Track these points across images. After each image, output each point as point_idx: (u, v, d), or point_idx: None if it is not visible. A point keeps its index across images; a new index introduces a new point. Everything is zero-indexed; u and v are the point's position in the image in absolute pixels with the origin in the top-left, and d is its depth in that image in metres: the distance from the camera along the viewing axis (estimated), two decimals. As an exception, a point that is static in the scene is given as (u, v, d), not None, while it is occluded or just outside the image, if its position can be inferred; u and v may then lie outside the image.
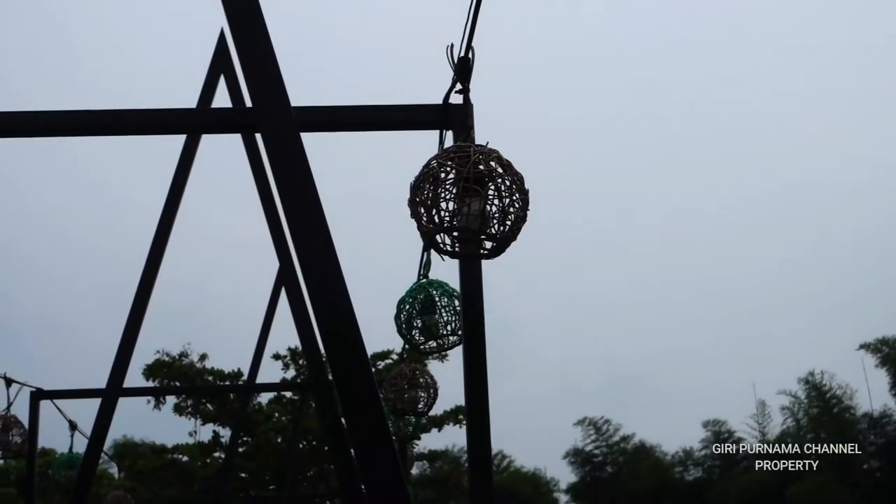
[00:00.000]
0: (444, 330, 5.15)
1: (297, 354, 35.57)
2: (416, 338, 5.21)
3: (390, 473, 3.69)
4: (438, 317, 5.14)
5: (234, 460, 23.53)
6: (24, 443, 8.09)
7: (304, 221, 4.08)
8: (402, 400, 6.46)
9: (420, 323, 5.16)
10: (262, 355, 13.03)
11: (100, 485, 27.08)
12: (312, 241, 4.03)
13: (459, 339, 5.13)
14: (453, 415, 36.38)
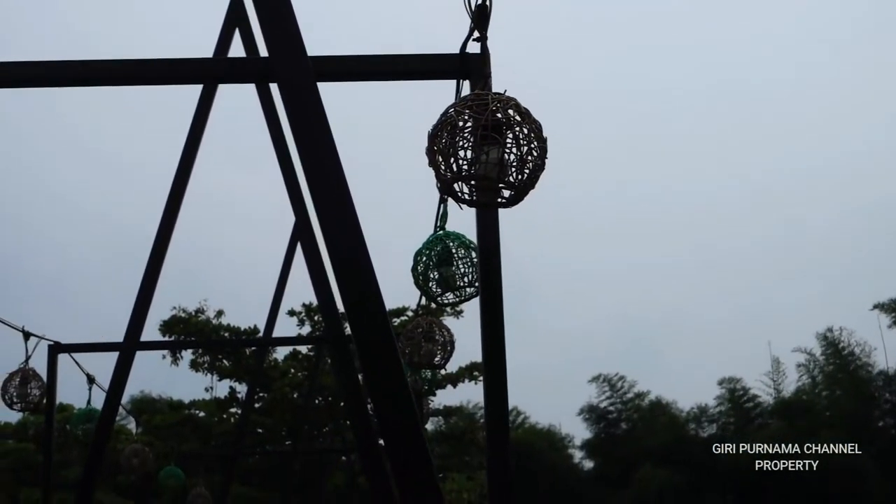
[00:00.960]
0: (460, 282, 5.13)
1: (313, 310, 35.65)
2: (432, 290, 5.19)
3: (409, 427, 3.69)
4: (455, 269, 5.11)
5: (251, 416, 23.66)
6: (42, 396, 8.13)
7: (321, 172, 4.05)
8: (419, 353, 6.45)
9: (437, 275, 5.14)
10: (278, 311, 13.06)
11: (117, 440, 27.25)
12: (330, 191, 4.01)
13: (476, 291, 5.11)
14: (468, 371, 36.46)
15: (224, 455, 18.10)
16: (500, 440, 4.57)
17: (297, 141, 4.12)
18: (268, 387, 35.92)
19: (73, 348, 8.82)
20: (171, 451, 15.08)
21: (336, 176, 4.03)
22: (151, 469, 12.20)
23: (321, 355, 20.28)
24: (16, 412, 8.37)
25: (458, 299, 5.20)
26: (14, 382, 8.06)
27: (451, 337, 6.64)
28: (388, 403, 3.74)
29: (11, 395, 8.05)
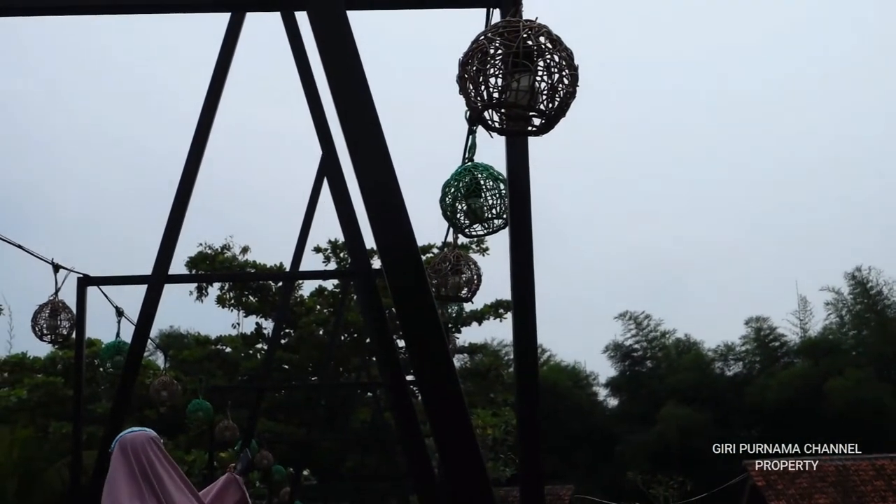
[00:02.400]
0: (488, 213, 5.11)
1: (338, 247, 35.74)
2: (460, 221, 5.17)
3: (440, 360, 3.68)
4: (483, 200, 5.09)
5: (277, 352, 23.82)
6: (72, 328, 8.19)
7: (352, 104, 4.01)
8: (446, 286, 6.44)
9: (465, 206, 5.12)
10: (305, 246, 13.07)
11: (145, 374, 27.51)
12: (361, 123, 3.97)
13: (504, 223, 5.10)
14: (493, 309, 36.55)
15: (251, 389, 18.25)
16: (529, 376, 4.57)
17: (328, 73, 4.07)
18: (294, 323, 36.13)
19: (102, 281, 8.85)
20: (200, 383, 15.20)
21: (367, 108, 3.99)
22: (179, 402, 12.32)
23: (347, 291, 20.34)
24: (46, 344, 8.44)
25: (487, 231, 5.18)
26: (44, 314, 8.11)
27: (478, 270, 6.62)
28: (420, 337, 3.73)
29: (41, 327, 8.11)
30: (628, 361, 47.67)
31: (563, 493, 35.86)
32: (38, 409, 35.69)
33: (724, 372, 46.25)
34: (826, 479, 32.97)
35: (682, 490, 33.20)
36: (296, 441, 26.49)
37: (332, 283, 37.26)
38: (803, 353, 43.87)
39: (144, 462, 4.90)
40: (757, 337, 45.82)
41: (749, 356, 46.18)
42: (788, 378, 41.03)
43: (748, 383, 43.15)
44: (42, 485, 34.38)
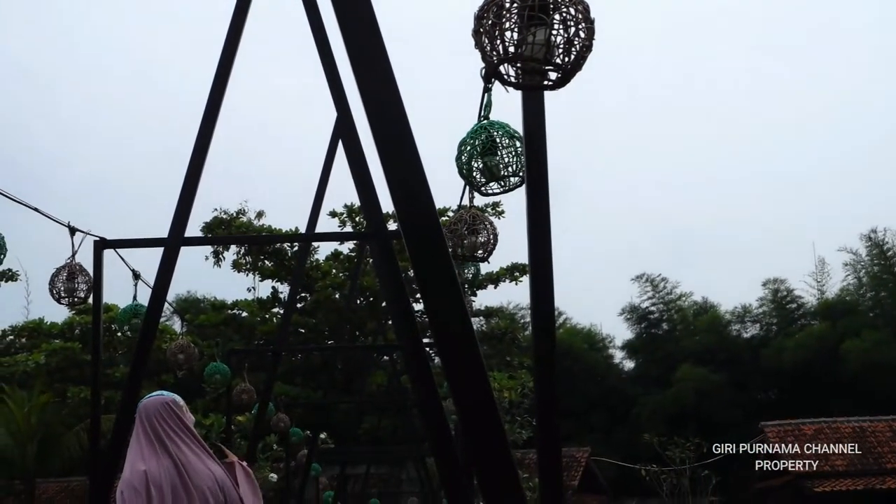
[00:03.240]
0: (505, 171, 5.08)
1: (354, 211, 35.77)
2: (476, 179, 5.14)
3: (459, 321, 3.66)
4: (499, 158, 5.06)
5: (294, 316, 23.86)
6: (89, 290, 8.20)
7: (366, 60, 3.97)
8: (462, 246, 6.42)
9: (481, 164, 5.09)
10: (320, 209, 13.04)
11: (161, 339, 27.61)
12: (376, 81, 3.93)
13: (520, 181, 5.07)
14: (509, 272, 36.59)
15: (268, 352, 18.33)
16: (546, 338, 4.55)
17: (343, 29, 4.02)
18: (310, 287, 36.22)
19: (119, 244, 8.84)
20: (216, 346, 15.25)
21: (382, 65, 3.95)
22: (196, 365, 12.36)
23: (363, 255, 20.35)
24: (63, 307, 8.46)
25: (503, 189, 5.15)
26: (61, 277, 8.13)
27: (495, 230, 6.60)
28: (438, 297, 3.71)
29: (59, 290, 8.13)
30: (644, 324, 47.69)
31: (580, 456, 36.00)
32: (56, 375, 35.94)
33: (741, 334, 46.25)
34: (843, 441, 32.97)
35: (698, 452, 33.24)
36: (312, 404, 26.61)
37: (348, 247, 37.34)
38: (820, 315, 43.80)
39: (158, 425, 4.93)
40: (774, 299, 45.75)
41: (766, 318, 46.14)
42: (805, 340, 41.01)
43: (765, 345, 43.14)
44: (61, 449, 34.69)
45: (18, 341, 39.47)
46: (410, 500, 30.06)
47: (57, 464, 35.52)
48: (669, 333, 46.47)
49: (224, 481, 4.94)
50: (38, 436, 34.06)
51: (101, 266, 8.63)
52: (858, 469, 31.37)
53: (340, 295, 35.26)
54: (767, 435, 33.46)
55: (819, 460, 31.75)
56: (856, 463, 31.61)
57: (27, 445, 33.80)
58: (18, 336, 39.29)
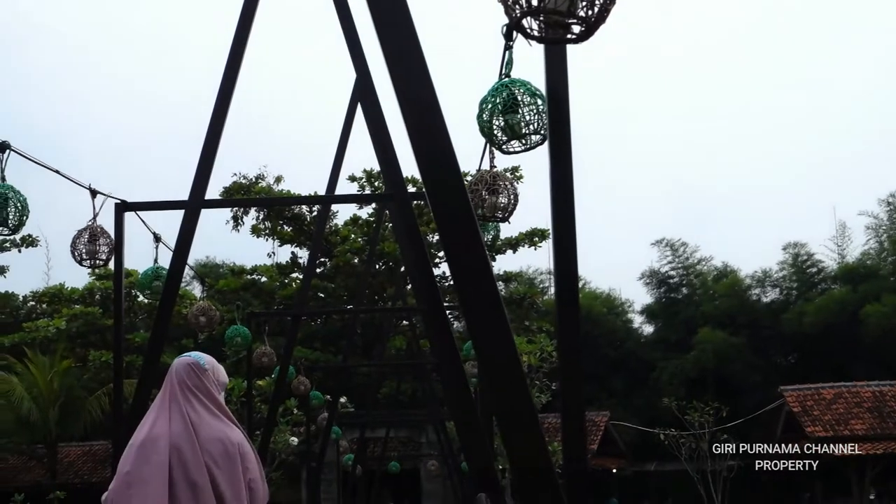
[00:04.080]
0: (526, 129, 5.05)
1: (373, 176, 35.76)
2: (498, 137, 5.11)
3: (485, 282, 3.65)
4: (521, 116, 5.03)
5: (313, 281, 23.91)
6: (110, 252, 8.23)
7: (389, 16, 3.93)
8: (483, 206, 6.39)
9: (502, 122, 5.06)
10: (340, 171, 13.01)
11: (181, 304, 27.73)
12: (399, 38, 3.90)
13: (542, 139, 5.03)
14: (528, 237, 36.56)
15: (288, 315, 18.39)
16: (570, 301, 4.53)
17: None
18: (329, 252, 36.29)
19: (139, 206, 8.86)
20: (237, 309, 15.28)
21: (405, 21, 3.92)
22: (217, 328, 12.39)
23: (382, 219, 20.36)
24: (85, 269, 8.49)
25: (525, 147, 5.12)
26: (83, 239, 8.15)
27: (515, 190, 6.56)
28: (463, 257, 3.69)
29: (81, 252, 8.15)
30: (664, 288, 47.62)
31: (599, 420, 36.10)
32: (77, 340, 36.19)
33: (761, 298, 46.11)
34: (862, 405, 32.96)
35: (717, 416, 33.26)
36: (332, 368, 26.71)
37: (367, 212, 37.36)
38: (840, 279, 43.64)
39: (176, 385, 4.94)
40: (794, 263, 45.58)
41: (786, 282, 45.96)
42: (825, 304, 40.87)
43: (785, 309, 43.02)
44: (82, 413, 34.98)
45: (39, 307, 39.74)
46: (430, 462, 30.21)
47: (79, 428, 35.84)
48: (689, 298, 46.37)
49: (241, 444, 4.93)
50: (60, 400, 34.36)
51: (122, 229, 8.65)
52: (877, 433, 31.36)
53: (359, 260, 35.32)
54: (787, 399, 33.47)
55: (838, 424, 31.76)
56: (875, 427, 31.60)
57: (49, 410, 34.10)
58: (39, 301, 39.55)
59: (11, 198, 6.79)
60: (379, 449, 31.67)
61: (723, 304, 43.64)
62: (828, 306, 40.44)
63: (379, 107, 9.78)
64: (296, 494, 29.00)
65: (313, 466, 19.12)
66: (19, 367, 35.23)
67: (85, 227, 8.21)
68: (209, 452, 4.77)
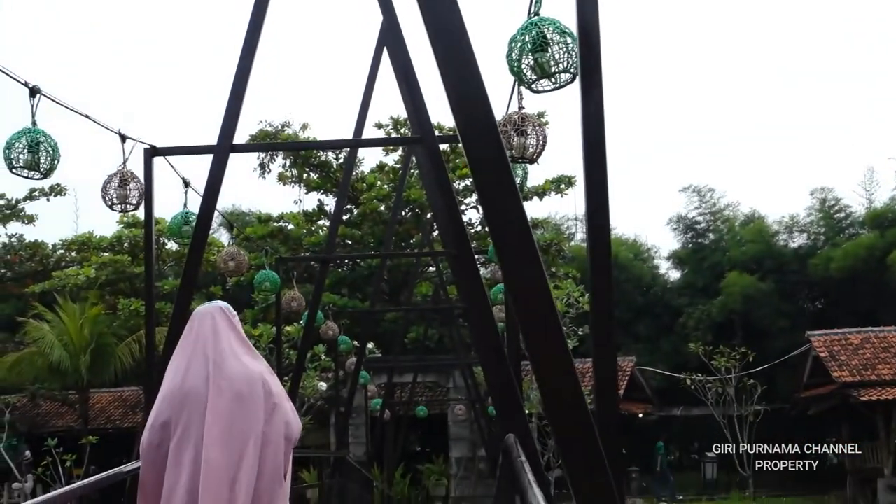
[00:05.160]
0: (555, 68, 5.03)
1: (399, 123, 35.70)
2: (527, 76, 5.10)
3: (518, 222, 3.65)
4: (550, 55, 5.01)
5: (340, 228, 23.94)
6: (141, 196, 8.28)
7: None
8: (511, 146, 6.39)
9: (531, 61, 5.04)
10: (366, 116, 13.00)
11: (209, 252, 27.86)
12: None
13: (572, 77, 5.02)
14: (554, 184, 36.48)
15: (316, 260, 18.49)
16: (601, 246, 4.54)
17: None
18: (356, 200, 36.35)
19: (168, 151, 8.91)
20: (266, 254, 15.34)
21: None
22: (246, 273, 12.46)
23: (409, 164, 20.36)
24: (116, 213, 8.54)
25: (554, 86, 5.10)
26: (113, 184, 8.19)
27: (543, 131, 6.55)
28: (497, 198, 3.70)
29: (111, 197, 8.20)
30: (691, 234, 47.47)
31: (625, 365, 36.17)
32: (106, 287, 36.46)
33: (788, 244, 45.90)
34: (889, 350, 32.91)
35: (744, 361, 33.27)
36: (359, 314, 26.84)
37: (393, 158, 37.33)
38: (868, 225, 43.36)
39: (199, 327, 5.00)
40: (821, 208, 45.31)
41: (813, 227, 45.71)
42: (853, 249, 40.64)
43: (812, 255, 42.81)
44: (113, 360, 35.36)
45: (69, 255, 40.02)
46: (457, 407, 30.42)
47: (109, 374, 36.23)
48: (716, 243, 46.21)
49: (265, 380, 4.98)
50: (91, 347, 34.72)
51: (152, 173, 8.70)
52: (905, 378, 31.34)
53: (386, 207, 35.37)
54: (814, 344, 33.44)
55: (865, 369, 31.72)
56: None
57: (80, 357, 34.47)
58: (68, 250, 39.83)
59: (43, 142, 6.83)
60: (406, 394, 31.90)
61: (750, 249, 43.45)
62: (855, 252, 40.22)
63: (406, 49, 9.76)
64: (324, 438, 29.30)
65: (341, 411, 19.26)
66: (50, 316, 35.58)
67: (115, 171, 8.26)
68: (231, 389, 4.82)
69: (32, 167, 6.81)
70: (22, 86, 6.89)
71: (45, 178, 6.95)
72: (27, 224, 38.15)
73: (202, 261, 9.04)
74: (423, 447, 42.52)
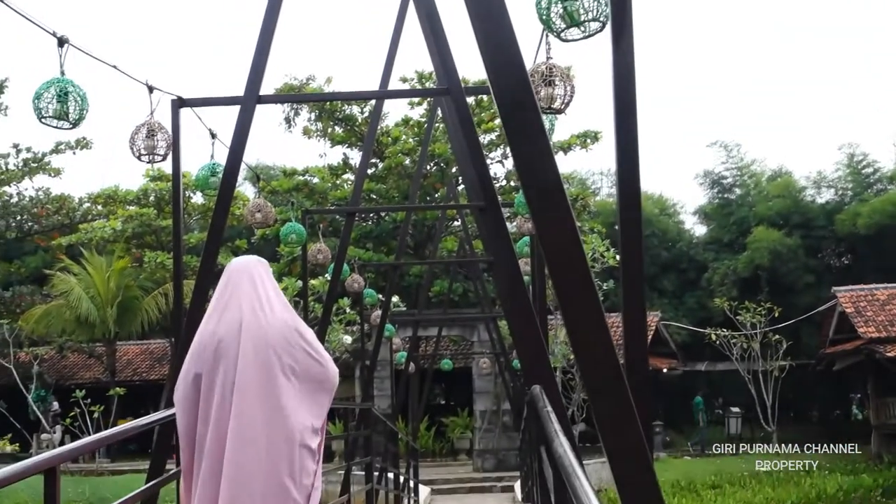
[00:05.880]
0: (585, 16, 5.00)
1: (424, 77, 35.58)
2: (556, 25, 5.06)
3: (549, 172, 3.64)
4: (580, 2, 4.97)
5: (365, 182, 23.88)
6: (168, 147, 8.28)
7: None
8: (538, 97, 6.35)
9: (561, 9, 5.00)
10: (392, 67, 12.97)
11: (235, 206, 27.93)
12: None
13: (601, 26, 4.98)
14: (580, 139, 36.36)
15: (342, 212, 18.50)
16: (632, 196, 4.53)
17: None
18: (381, 154, 36.32)
19: (196, 103, 8.91)
20: (292, 206, 15.38)
21: None
22: (272, 225, 12.47)
23: (434, 117, 20.30)
24: (144, 164, 8.56)
25: (583, 35, 5.07)
26: (141, 135, 8.20)
27: (571, 81, 6.51)
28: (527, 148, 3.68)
29: (139, 148, 8.21)
30: (717, 189, 47.21)
31: (650, 320, 36.13)
32: (132, 241, 36.65)
33: (815, 199, 45.59)
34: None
35: (769, 316, 33.19)
36: (385, 267, 26.89)
37: (418, 112, 37.24)
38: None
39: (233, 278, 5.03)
40: (849, 163, 44.96)
41: (840, 182, 45.36)
42: (880, 205, 40.36)
43: (839, 210, 42.52)
44: (139, 312, 35.66)
45: (95, 208, 40.21)
46: (482, 360, 30.49)
47: (136, 327, 36.55)
48: (743, 198, 45.94)
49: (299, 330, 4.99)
50: (118, 300, 35.02)
51: (179, 125, 8.71)
52: (931, 333, 31.21)
53: (411, 161, 35.33)
54: (840, 300, 33.32)
55: (892, 325, 31.60)
56: (928, 327, 31.45)
57: (107, 309, 34.77)
58: (95, 203, 40.01)
59: (71, 91, 6.84)
60: (431, 347, 32.00)
61: (776, 204, 43.19)
62: (883, 207, 39.95)
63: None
64: (349, 391, 29.43)
65: (367, 364, 19.33)
66: (76, 269, 35.85)
67: (143, 122, 8.26)
68: (275, 342, 4.85)
69: (61, 117, 6.83)
70: (50, 35, 6.89)
71: (74, 127, 6.96)
72: (53, 177, 38.33)
73: (229, 213, 9.04)
74: (447, 400, 42.73)
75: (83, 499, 24.82)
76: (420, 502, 22.18)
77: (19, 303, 36.82)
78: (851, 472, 28.50)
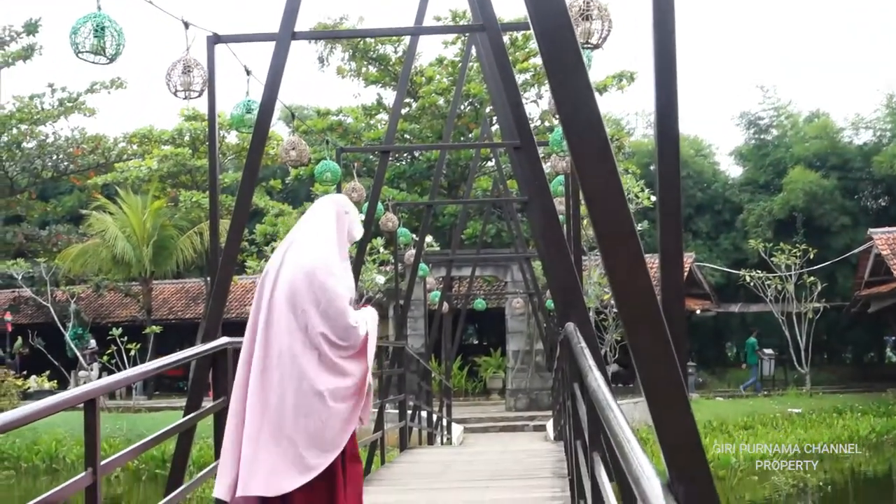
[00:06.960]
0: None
1: (458, 16, 35.38)
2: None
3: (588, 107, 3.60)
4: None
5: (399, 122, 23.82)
6: (204, 83, 8.27)
7: None
8: (576, 32, 6.29)
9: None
10: (427, 4, 12.90)
11: (269, 146, 27.94)
12: None
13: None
14: (616, 79, 36.15)
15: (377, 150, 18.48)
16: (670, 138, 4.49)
17: None
18: (414, 94, 36.20)
19: (231, 39, 8.89)
20: (327, 144, 15.36)
21: None
22: (307, 163, 12.45)
23: (468, 56, 20.17)
24: (180, 100, 8.56)
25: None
26: (177, 71, 8.19)
27: (609, 15, 6.44)
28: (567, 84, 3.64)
29: (175, 84, 8.21)
30: (753, 129, 46.75)
31: (684, 261, 36.01)
32: (167, 180, 36.83)
33: (853, 140, 45.05)
34: (953, 248, 32.47)
35: (804, 258, 33.04)
36: (418, 206, 26.93)
37: (452, 52, 37.07)
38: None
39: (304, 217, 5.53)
40: (888, 104, 44.35)
41: (879, 124, 44.76)
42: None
43: (877, 152, 42.02)
44: (175, 251, 35.92)
45: (130, 148, 40.35)
46: (515, 300, 30.57)
47: (172, 266, 36.84)
48: (779, 139, 45.47)
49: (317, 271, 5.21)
50: (153, 239, 35.26)
51: (214, 61, 8.70)
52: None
53: (445, 101, 35.21)
54: (876, 242, 33.04)
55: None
56: (966, 269, 31.17)
57: (143, 248, 35.03)
58: (129, 143, 40.15)
59: (108, 26, 6.83)
60: (465, 287, 32.11)
61: (813, 145, 42.74)
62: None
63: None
64: (383, 331, 29.61)
65: (400, 304, 19.41)
66: (112, 208, 36.09)
67: (179, 59, 8.26)
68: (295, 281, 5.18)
69: (98, 52, 6.83)
70: (87, -30, 6.88)
71: (111, 62, 6.97)
72: (88, 117, 38.40)
73: (264, 151, 9.06)
74: (480, 340, 42.93)
75: (121, 434, 25.22)
76: (453, 440, 22.38)
77: (56, 242, 37.19)
78: (884, 414, 28.50)
